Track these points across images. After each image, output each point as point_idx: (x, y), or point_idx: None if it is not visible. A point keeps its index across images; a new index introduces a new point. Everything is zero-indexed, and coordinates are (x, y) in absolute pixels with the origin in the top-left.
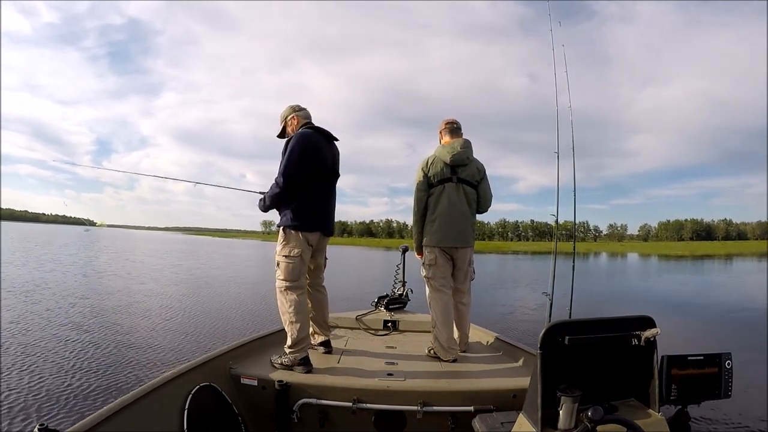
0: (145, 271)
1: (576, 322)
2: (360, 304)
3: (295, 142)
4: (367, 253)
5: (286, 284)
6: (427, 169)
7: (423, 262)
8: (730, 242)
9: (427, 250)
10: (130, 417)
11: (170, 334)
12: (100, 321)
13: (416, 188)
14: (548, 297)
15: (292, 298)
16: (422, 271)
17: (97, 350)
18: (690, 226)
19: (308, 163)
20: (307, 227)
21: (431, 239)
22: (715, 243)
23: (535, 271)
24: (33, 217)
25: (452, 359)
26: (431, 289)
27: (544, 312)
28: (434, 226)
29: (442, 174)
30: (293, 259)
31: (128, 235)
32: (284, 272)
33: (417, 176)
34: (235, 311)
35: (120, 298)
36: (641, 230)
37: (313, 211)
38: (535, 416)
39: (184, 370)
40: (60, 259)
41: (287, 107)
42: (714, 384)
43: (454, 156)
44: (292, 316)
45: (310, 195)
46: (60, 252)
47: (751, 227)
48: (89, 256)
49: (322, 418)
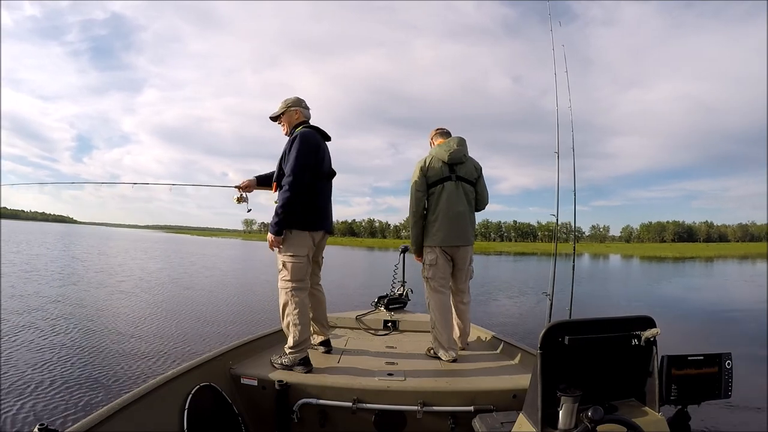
0: (141, 272)
1: (576, 322)
2: (359, 304)
3: (300, 142)
4: (349, 254)
5: (292, 285)
6: (425, 168)
7: (423, 262)
8: (720, 244)
9: (427, 250)
10: (130, 417)
11: (170, 333)
12: (99, 321)
13: (414, 188)
14: (548, 297)
15: (298, 299)
16: (423, 271)
17: (95, 351)
18: (672, 227)
19: (313, 164)
20: (314, 226)
21: (433, 239)
22: (699, 245)
23: (521, 272)
24: (12, 214)
25: (452, 359)
26: (430, 290)
27: (544, 312)
28: (435, 225)
29: (441, 173)
30: (300, 259)
31: (111, 234)
32: (291, 272)
33: (414, 176)
34: (234, 313)
35: (118, 299)
36: (623, 231)
37: (318, 210)
38: (535, 416)
39: (183, 370)
40: (56, 257)
41: (294, 97)
42: (714, 384)
43: (452, 154)
44: (296, 318)
45: (315, 195)
46: (56, 249)
47: (732, 229)
48: (79, 254)
49: (322, 418)
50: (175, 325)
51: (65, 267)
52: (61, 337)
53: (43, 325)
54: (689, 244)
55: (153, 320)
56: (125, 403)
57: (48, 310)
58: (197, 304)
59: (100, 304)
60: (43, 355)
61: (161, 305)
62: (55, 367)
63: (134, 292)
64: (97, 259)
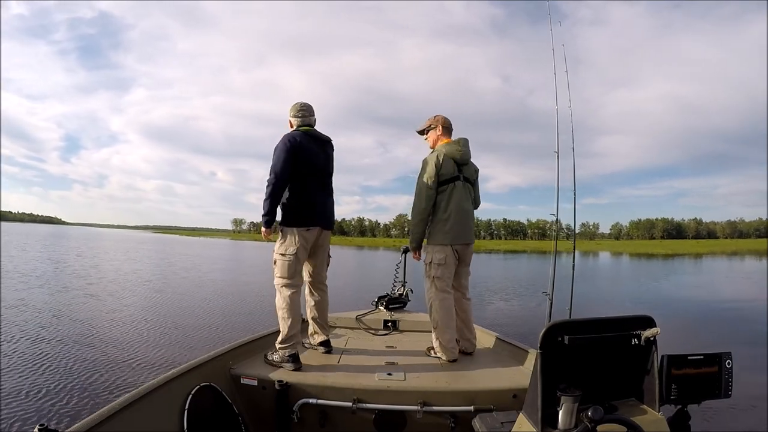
0: (115, 274)
1: (576, 322)
2: (359, 304)
3: (279, 143)
4: (338, 252)
5: (281, 281)
6: (439, 166)
7: (429, 260)
8: (711, 241)
9: (436, 249)
10: (130, 417)
11: (169, 335)
12: (97, 322)
13: (426, 186)
14: (548, 296)
15: (286, 295)
16: (430, 270)
17: (94, 352)
18: (661, 225)
19: (295, 163)
20: (303, 223)
21: (444, 238)
22: (690, 241)
23: (513, 270)
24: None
25: (453, 359)
26: (436, 290)
27: (544, 312)
28: (447, 224)
29: (453, 171)
30: (289, 257)
31: (98, 235)
32: (280, 270)
33: (428, 173)
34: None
35: (115, 300)
36: (613, 229)
37: (308, 207)
38: (535, 416)
39: (183, 370)
40: (31, 258)
41: (293, 108)
42: (714, 384)
43: (462, 154)
44: (285, 313)
45: (304, 192)
46: (34, 251)
47: (720, 226)
48: (57, 257)
49: (322, 418)
50: (134, 331)
51: (36, 269)
52: (60, 337)
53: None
54: (680, 240)
55: (115, 326)
56: (125, 403)
57: (66, 309)
58: (167, 308)
59: (61, 309)
60: (43, 356)
61: (126, 310)
62: (55, 367)
63: (101, 296)
64: (74, 262)
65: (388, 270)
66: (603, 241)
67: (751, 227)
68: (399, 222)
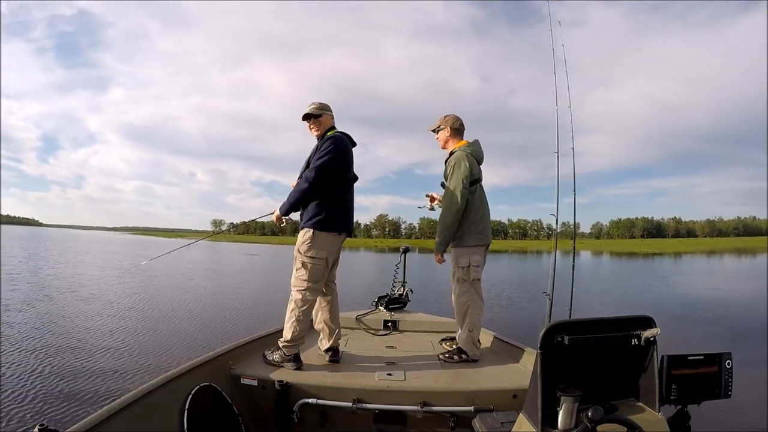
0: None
1: (576, 322)
2: (360, 304)
3: (332, 143)
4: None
5: (307, 285)
6: (473, 165)
7: (467, 263)
8: (691, 239)
9: (473, 251)
10: (130, 417)
11: (169, 334)
12: (96, 323)
13: (462, 185)
14: (548, 297)
15: (310, 299)
16: (469, 273)
17: (94, 352)
18: (641, 224)
19: (341, 167)
20: (337, 228)
21: (480, 239)
22: (671, 240)
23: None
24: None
25: (477, 359)
26: (475, 293)
27: (544, 312)
28: (480, 225)
29: (479, 173)
30: (320, 261)
31: (74, 237)
32: (309, 273)
33: (463, 173)
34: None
35: (114, 302)
36: (593, 228)
37: (343, 213)
38: (535, 416)
39: (184, 370)
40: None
41: (326, 103)
42: (714, 384)
43: (482, 156)
44: (301, 314)
45: (341, 197)
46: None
47: (699, 225)
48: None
49: (322, 418)
50: (63, 333)
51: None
52: (60, 337)
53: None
54: (662, 239)
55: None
56: (125, 403)
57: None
58: (84, 313)
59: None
60: (43, 356)
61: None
62: (55, 367)
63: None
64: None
65: (372, 273)
66: (584, 240)
67: (729, 226)
68: (380, 222)
